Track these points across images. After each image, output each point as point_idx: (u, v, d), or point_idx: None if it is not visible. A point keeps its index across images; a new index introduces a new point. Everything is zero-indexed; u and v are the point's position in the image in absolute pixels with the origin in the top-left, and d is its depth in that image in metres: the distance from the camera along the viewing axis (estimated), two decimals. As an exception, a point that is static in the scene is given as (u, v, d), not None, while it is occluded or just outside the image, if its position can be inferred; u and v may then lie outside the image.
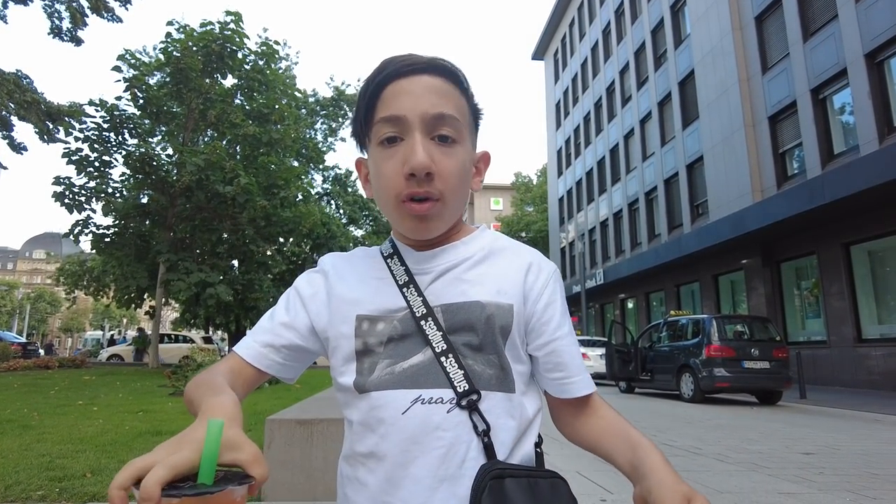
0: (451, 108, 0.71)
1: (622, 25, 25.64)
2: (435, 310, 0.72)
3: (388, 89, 0.71)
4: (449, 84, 0.72)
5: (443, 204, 0.71)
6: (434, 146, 0.69)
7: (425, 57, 0.72)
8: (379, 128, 0.71)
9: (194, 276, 13.89)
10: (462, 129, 0.72)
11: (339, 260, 0.84)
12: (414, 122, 0.69)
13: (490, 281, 0.74)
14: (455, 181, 0.71)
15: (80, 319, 63.53)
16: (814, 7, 13.97)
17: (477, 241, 0.79)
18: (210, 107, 15.30)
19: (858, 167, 10.94)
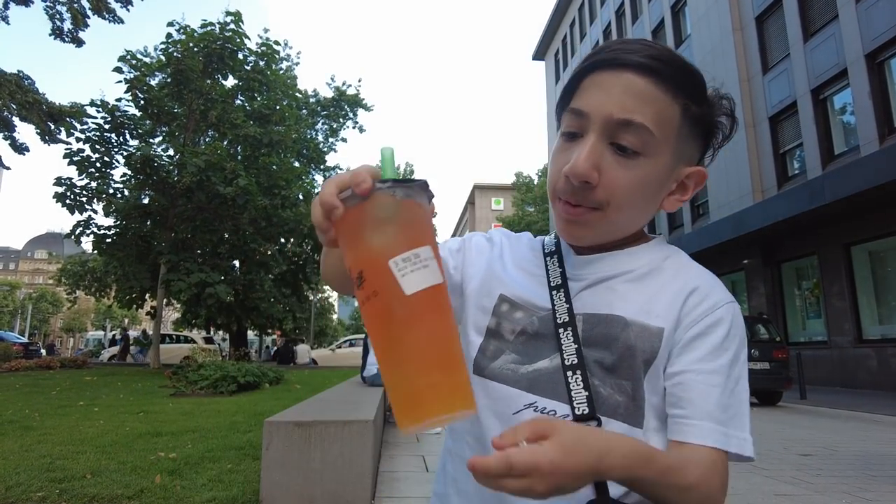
0: (647, 116, 0.63)
1: (623, 26, 25.63)
2: (577, 318, 0.68)
3: (588, 79, 0.67)
4: (657, 87, 0.64)
5: (602, 215, 0.65)
6: (610, 154, 0.64)
7: (641, 51, 0.64)
8: (566, 118, 0.68)
9: (195, 276, 13.92)
10: (656, 142, 0.64)
11: (507, 239, 0.82)
12: (595, 122, 0.64)
13: (642, 297, 0.67)
14: (625, 194, 0.64)
15: (82, 319, 63.65)
16: (814, 7, 13.97)
17: (645, 254, 0.72)
18: (211, 107, 15.33)
19: (859, 168, 10.93)
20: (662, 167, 0.67)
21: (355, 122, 28.20)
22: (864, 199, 11.08)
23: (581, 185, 0.64)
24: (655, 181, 0.67)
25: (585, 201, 0.65)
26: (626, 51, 0.65)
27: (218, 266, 15.57)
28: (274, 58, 17.36)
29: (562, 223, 0.70)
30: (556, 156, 0.69)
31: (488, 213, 51.30)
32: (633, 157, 0.64)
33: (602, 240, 0.71)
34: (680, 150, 0.68)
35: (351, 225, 0.48)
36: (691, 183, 0.72)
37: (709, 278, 0.71)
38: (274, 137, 15.87)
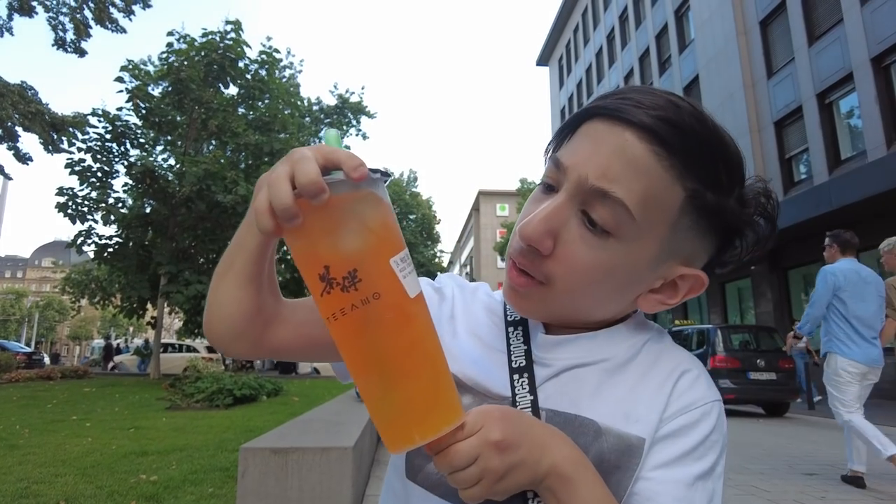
0: (631, 192, 0.49)
1: (626, 31, 25.53)
2: (541, 415, 0.54)
3: (585, 125, 0.54)
4: (658, 161, 0.50)
5: (547, 292, 0.53)
6: (577, 224, 0.52)
7: (655, 107, 0.50)
8: (548, 165, 0.56)
9: (192, 287, 13.86)
10: (635, 227, 0.50)
11: (459, 292, 0.68)
12: (570, 180, 0.52)
13: (618, 395, 0.55)
14: (578, 277, 0.52)
15: (88, 327, 63.93)
16: (819, 11, 13.80)
17: (624, 337, 0.59)
18: (211, 116, 15.32)
19: (866, 173, 10.74)
20: (641, 259, 0.53)
21: (359, 129, 28.23)
22: (872, 205, 10.88)
23: (529, 250, 0.53)
24: (626, 272, 0.53)
25: (532, 269, 0.54)
26: (636, 103, 0.51)
27: (219, 275, 15.50)
28: (275, 66, 17.33)
29: (506, 288, 0.58)
30: (527, 206, 0.57)
31: (493, 220, 51.18)
32: (602, 236, 0.51)
33: (556, 319, 0.58)
34: (675, 244, 0.54)
35: (336, 215, 0.40)
36: (685, 287, 0.57)
37: (697, 366, 0.58)
38: (275, 146, 15.83)
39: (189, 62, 14.98)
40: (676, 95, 0.53)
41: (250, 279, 0.54)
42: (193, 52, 15.13)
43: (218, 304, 0.57)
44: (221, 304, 0.56)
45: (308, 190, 0.38)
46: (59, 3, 16.21)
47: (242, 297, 0.55)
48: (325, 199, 0.38)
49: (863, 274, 4.28)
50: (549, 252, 0.52)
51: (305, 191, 0.38)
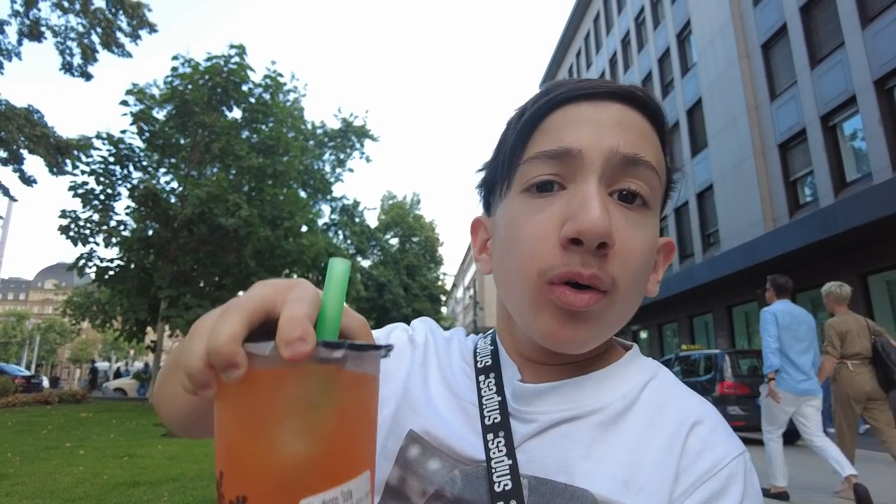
0: (651, 155, 0.47)
1: (629, 54, 25.76)
2: (523, 483, 0.45)
3: (555, 115, 0.48)
4: (650, 126, 0.49)
5: (610, 301, 0.45)
6: (614, 206, 0.46)
7: (616, 83, 0.49)
8: (530, 167, 0.48)
9: (193, 311, 13.76)
10: (658, 191, 0.49)
11: (433, 338, 0.60)
12: (593, 160, 0.45)
13: (617, 456, 0.46)
14: (637, 266, 0.46)
15: (89, 350, 63.68)
16: (820, 34, 13.86)
17: (619, 380, 0.50)
18: (215, 139, 15.38)
19: (872, 195, 10.64)
20: (657, 229, 0.50)
21: (362, 152, 28.43)
22: (880, 228, 10.76)
23: (596, 251, 0.44)
24: (655, 248, 0.49)
25: (598, 282, 0.44)
26: (594, 83, 0.49)
27: (220, 299, 15.40)
28: (279, 89, 17.46)
29: (556, 322, 0.46)
30: (526, 220, 0.47)
31: (496, 242, 51.14)
32: (642, 209, 0.47)
33: (600, 342, 0.49)
34: (660, 210, 0.52)
35: (250, 397, 0.29)
36: (661, 257, 0.55)
37: (709, 411, 0.49)
38: (278, 168, 15.85)
39: (193, 85, 15.09)
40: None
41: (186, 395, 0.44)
42: (198, 76, 15.25)
43: (172, 407, 0.48)
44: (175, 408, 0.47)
45: (213, 358, 0.28)
46: (67, 29, 16.48)
47: (195, 411, 0.45)
48: (238, 374, 0.28)
49: (795, 313, 4.86)
50: (614, 246, 0.44)
51: (211, 357, 0.28)
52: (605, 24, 28.45)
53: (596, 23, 29.82)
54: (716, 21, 17.90)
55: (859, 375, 4.81)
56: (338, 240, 26.96)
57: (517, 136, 0.50)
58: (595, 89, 0.48)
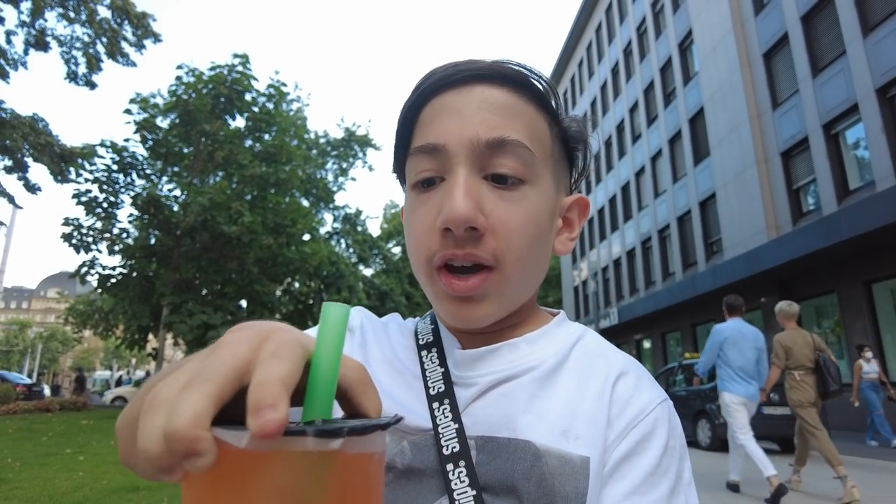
0: (519, 131, 0.49)
1: (631, 64, 25.85)
2: (470, 444, 0.47)
3: (428, 107, 0.51)
4: (520, 98, 0.50)
5: (500, 276, 0.48)
6: (488, 189, 0.48)
7: (483, 63, 0.51)
8: (412, 163, 0.51)
9: (196, 317, 13.75)
10: (536, 163, 0.50)
11: (370, 324, 0.60)
12: (457, 152, 0.48)
13: (554, 408, 0.48)
14: (520, 239, 0.48)
15: (91, 359, 63.64)
16: (821, 43, 13.89)
17: (549, 341, 0.54)
18: (218, 148, 15.45)
19: (875, 203, 10.61)
20: (547, 197, 0.52)
21: (364, 161, 28.54)
22: (884, 236, 10.72)
23: (467, 235, 0.47)
24: (545, 216, 0.52)
25: (477, 259, 0.47)
26: (467, 63, 0.51)
27: (222, 307, 15.40)
28: (282, 98, 17.55)
29: (452, 305, 0.50)
30: (413, 214, 0.51)
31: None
32: (517, 186, 0.49)
33: (505, 314, 0.52)
34: (557, 175, 0.55)
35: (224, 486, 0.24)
36: (575, 216, 0.58)
37: (633, 366, 0.53)
38: (281, 176, 15.91)
39: (197, 94, 15.18)
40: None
41: None
42: (201, 85, 15.34)
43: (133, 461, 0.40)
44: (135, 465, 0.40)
45: (172, 444, 0.23)
46: (72, 38, 16.63)
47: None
48: (205, 462, 0.23)
49: (743, 331, 5.42)
50: (485, 226, 0.47)
51: (169, 442, 0.23)
52: (608, 33, 28.59)
53: (598, 32, 29.97)
54: (717, 30, 17.97)
55: (805, 383, 5.47)
56: (340, 248, 26.98)
57: (398, 133, 0.54)
58: (458, 74, 0.50)
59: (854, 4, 12.63)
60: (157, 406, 0.25)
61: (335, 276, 20.79)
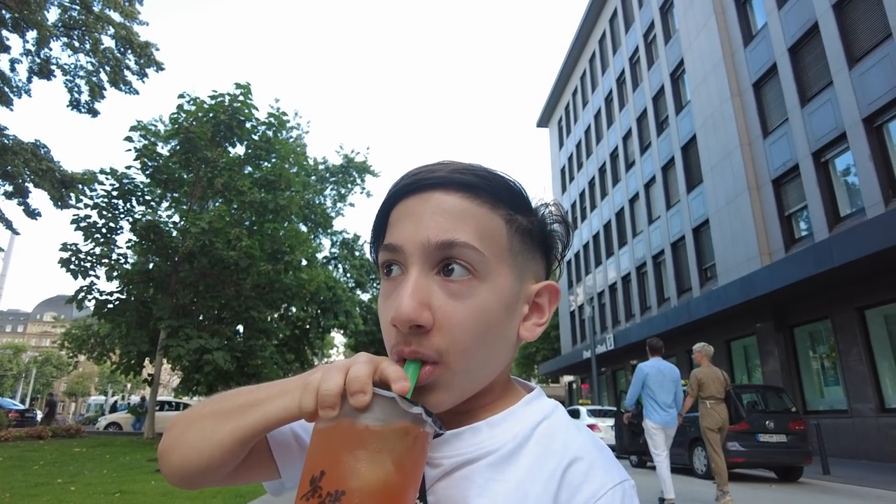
0: (469, 233, 0.53)
1: (624, 93, 26.29)
2: None
3: (395, 210, 0.58)
4: (471, 202, 0.55)
5: (445, 369, 0.52)
6: (438, 285, 0.53)
7: (444, 168, 0.57)
8: (381, 255, 0.58)
9: (194, 342, 13.74)
10: (486, 261, 0.54)
11: None
12: (412, 252, 0.54)
13: (505, 492, 0.52)
14: (463, 334, 0.52)
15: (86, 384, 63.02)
16: (809, 74, 14.22)
17: (511, 423, 0.56)
18: (217, 175, 15.61)
19: (865, 230, 10.75)
20: (504, 290, 0.55)
21: (363, 187, 28.80)
22: (875, 262, 10.83)
23: (413, 331, 0.52)
24: (500, 308, 0.55)
25: (423, 352, 0.52)
26: (429, 171, 0.57)
27: (219, 332, 15.38)
28: (282, 126, 17.80)
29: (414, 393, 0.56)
30: (382, 304, 0.57)
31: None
32: (465, 283, 0.53)
33: (457, 401, 0.55)
34: (520, 267, 0.58)
35: (365, 434, 0.43)
36: (545, 301, 0.61)
37: (590, 448, 0.55)
38: (280, 202, 16.05)
39: (198, 122, 15.40)
40: (454, 161, 0.60)
41: (247, 442, 0.54)
42: (202, 113, 15.57)
43: (196, 449, 0.56)
44: (200, 451, 0.55)
45: (352, 384, 0.44)
46: (76, 67, 16.94)
47: (226, 455, 0.54)
48: (362, 401, 0.43)
49: (661, 367, 6.42)
50: (430, 325, 0.51)
51: (351, 383, 0.44)
52: (601, 63, 29.14)
53: (592, 62, 30.54)
54: (708, 60, 18.37)
55: (715, 411, 6.64)
56: (337, 273, 27.03)
57: (373, 228, 0.61)
58: (418, 183, 0.56)
59: (839, 37, 12.97)
60: (339, 369, 0.46)
61: (332, 301, 20.80)
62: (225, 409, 0.55)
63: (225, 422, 0.54)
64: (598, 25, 29.67)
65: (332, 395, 0.44)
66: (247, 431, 0.52)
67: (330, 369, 0.45)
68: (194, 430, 0.56)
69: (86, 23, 15.92)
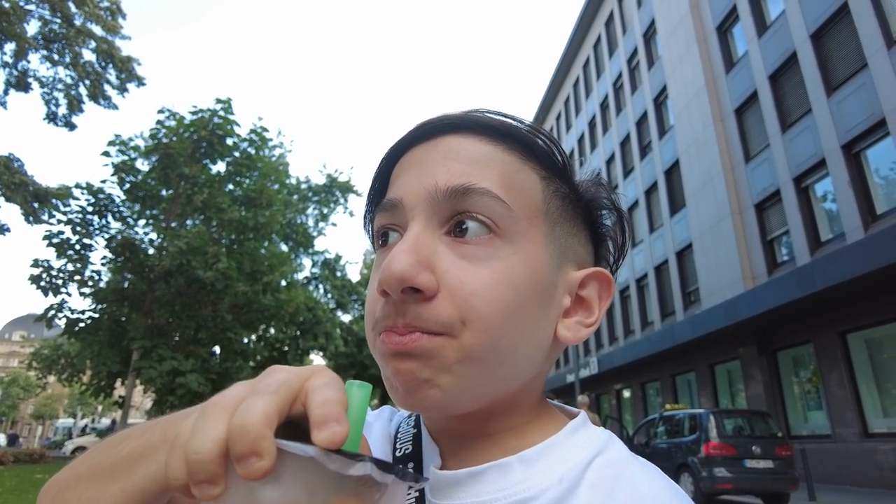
0: (491, 179, 0.41)
1: (607, 118, 26.64)
2: None
3: (399, 164, 0.45)
4: (497, 147, 0.42)
5: (460, 345, 0.37)
6: (447, 245, 0.40)
7: (463, 114, 0.44)
8: (377, 219, 0.45)
9: (167, 363, 13.33)
10: (514, 217, 0.40)
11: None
12: (413, 205, 0.41)
13: None
14: (486, 305, 0.38)
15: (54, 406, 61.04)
16: (789, 101, 14.49)
17: (554, 460, 0.40)
18: (197, 192, 15.35)
19: (846, 255, 10.84)
20: (538, 263, 0.41)
21: (346, 207, 28.63)
22: (856, 287, 10.91)
23: (407, 298, 0.37)
24: (532, 284, 0.40)
25: (419, 325, 0.37)
26: (439, 118, 0.44)
27: (195, 353, 14.96)
28: (264, 144, 17.62)
29: (391, 375, 0.39)
30: (373, 276, 0.43)
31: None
32: (485, 242, 0.39)
33: (463, 405, 0.39)
34: (558, 241, 0.43)
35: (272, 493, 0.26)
36: (593, 294, 0.45)
37: (669, 497, 0.38)
38: (260, 220, 15.80)
39: (178, 138, 15.17)
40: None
41: None
42: (182, 129, 15.35)
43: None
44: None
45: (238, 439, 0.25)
46: (55, 80, 16.65)
47: None
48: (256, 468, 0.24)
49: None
50: (433, 290, 0.37)
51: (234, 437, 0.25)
52: (585, 88, 29.57)
53: (576, 87, 30.99)
54: (691, 86, 18.68)
55: None
56: (318, 294, 26.65)
57: (369, 196, 0.49)
58: (427, 126, 0.44)
59: (817, 66, 13.26)
60: (219, 411, 0.26)
61: (312, 322, 20.42)
62: (106, 464, 0.36)
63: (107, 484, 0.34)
64: (581, 51, 30.18)
65: (206, 461, 0.25)
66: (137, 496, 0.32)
67: (208, 410, 0.26)
68: (73, 495, 0.36)
69: (66, 36, 15.70)
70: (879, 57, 11.57)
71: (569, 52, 30.96)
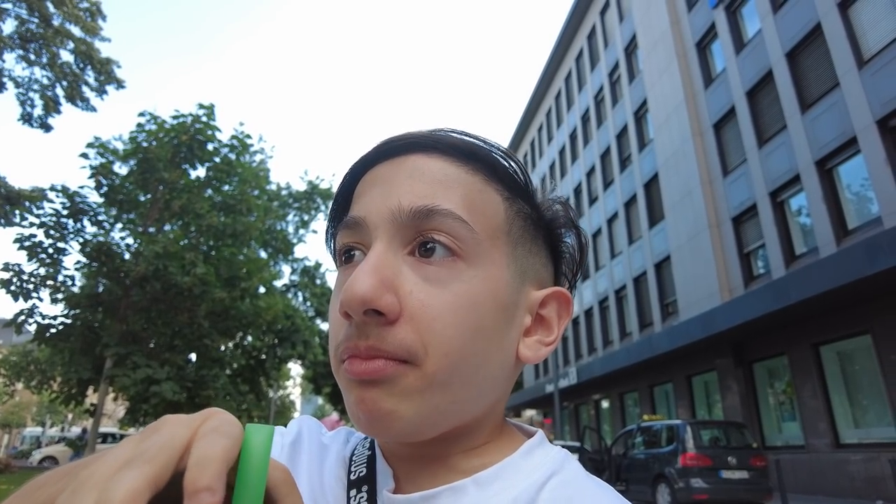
0: (454, 201, 0.41)
1: (588, 130, 26.95)
2: None
3: (363, 181, 0.45)
4: (461, 168, 0.43)
5: (419, 373, 0.37)
6: (410, 267, 0.40)
7: (426, 134, 0.44)
8: (340, 236, 0.44)
9: (141, 371, 13.05)
10: (476, 239, 0.41)
11: (308, 443, 0.50)
12: (377, 224, 0.41)
13: None
14: (447, 328, 0.38)
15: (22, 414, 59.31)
16: (764, 117, 14.81)
17: (508, 481, 0.40)
18: (175, 197, 15.13)
19: (819, 269, 11.06)
20: (499, 284, 0.41)
21: (327, 214, 28.43)
22: (828, 300, 11.13)
23: (370, 321, 0.37)
24: (494, 305, 0.41)
25: (381, 351, 0.37)
26: (404, 136, 0.44)
27: (169, 361, 14.67)
28: (245, 150, 17.46)
29: (355, 403, 0.38)
30: (335, 297, 0.42)
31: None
32: (447, 264, 0.40)
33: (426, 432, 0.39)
34: (520, 261, 0.44)
35: None
36: (552, 313, 0.46)
37: None
38: (238, 227, 15.61)
39: (158, 142, 14.97)
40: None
41: None
42: (163, 134, 15.15)
43: None
44: None
45: None
46: (31, 80, 16.32)
47: None
48: None
49: None
50: (395, 314, 0.37)
51: None
52: (567, 100, 29.91)
53: (558, 99, 31.33)
54: (670, 101, 19.00)
55: None
56: (297, 301, 26.40)
57: (331, 212, 0.49)
58: (392, 143, 0.44)
59: (792, 84, 13.59)
60: (89, 487, 0.22)
61: (290, 330, 20.20)
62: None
63: None
64: (564, 63, 30.53)
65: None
66: None
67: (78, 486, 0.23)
68: None
69: (44, 36, 15.43)
70: (851, 76, 11.91)
71: (551, 65, 31.31)
